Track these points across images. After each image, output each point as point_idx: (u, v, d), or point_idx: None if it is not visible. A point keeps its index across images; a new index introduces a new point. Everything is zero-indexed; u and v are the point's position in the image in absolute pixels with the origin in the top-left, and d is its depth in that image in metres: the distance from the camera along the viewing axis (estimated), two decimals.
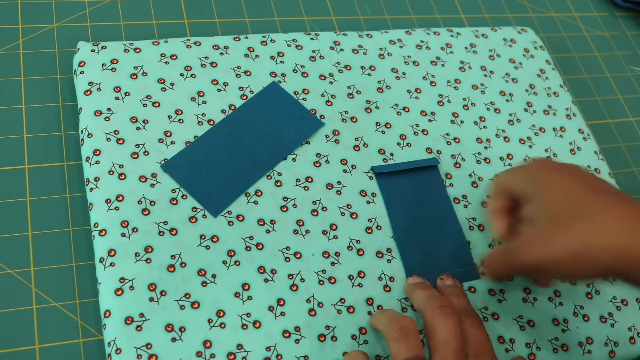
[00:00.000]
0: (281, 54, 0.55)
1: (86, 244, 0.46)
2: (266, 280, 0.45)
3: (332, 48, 0.56)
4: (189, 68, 0.52)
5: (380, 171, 0.51)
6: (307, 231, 0.48)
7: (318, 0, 0.62)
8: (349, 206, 0.49)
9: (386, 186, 0.51)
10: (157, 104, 0.50)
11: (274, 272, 0.46)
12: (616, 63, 0.67)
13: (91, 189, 0.46)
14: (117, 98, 0.49)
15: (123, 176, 0.47)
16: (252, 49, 0.54)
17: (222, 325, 0.43)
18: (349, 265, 0.47)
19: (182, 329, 0.43)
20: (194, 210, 0.47)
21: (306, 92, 0.53)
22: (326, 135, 0.52)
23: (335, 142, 0.52)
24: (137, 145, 0.48)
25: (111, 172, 0.46)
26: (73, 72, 0.51)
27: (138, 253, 0.44)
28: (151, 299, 0.43)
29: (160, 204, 0.46)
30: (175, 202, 0.46)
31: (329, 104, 0.53)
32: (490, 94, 0.58)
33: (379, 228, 0.49)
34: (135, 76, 0.50)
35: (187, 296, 0.44)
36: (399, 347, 0.41)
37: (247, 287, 0.45)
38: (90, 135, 0.48)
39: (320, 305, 0.46)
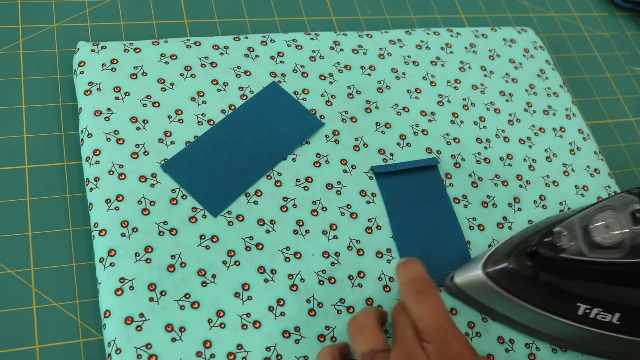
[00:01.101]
0: (281, 54, 0.55)
1: (86, 244, 0.46)
2: (266, 280, 0.45)
3: (332, 48, 0.56)
4: (189, 68, 0.52)
5: (380, 171, 0.51)
6: (307, 231, 0.48)
7: (318, 0, 0.62)
8: (349, 206, 0.49)
9: (386, 186, 0.51)
10: (157, 104, 0.50)
11: (273, 272, 0.46)
12: (616, 63, 0.67)
13: (91, 189, 0.46)
14: (117, 98, 0.49)
15: (123, 176, 0.47)
16: (252, 49, 0.54)
17: (222, 325, 0.43)
18: (349, 265, 0.47)
19: (182, 329, 0.43)
20: (194, 210, 0.47)
21: (306, 92, 0.53)
22: (326, 135, 0.52)
23: (335, 142, 0.52)
24: (137, 145, 0.48)
25: (111, 172, 0.46)
26: (73, 72, 0.51)
27: (138, 253, 0.44)
28: (151, 299, 0.43)
29: (160, 204, 0.46)
30: (175, 202, 0.46)
31: (329, 104, 0.53)
32: (490, 94, 0.58)
33: (378, 228, 0.49)
34: (135, 76, 0.50)
35: (187, 296, 0.44)
36: (355, 344, 0.41)
37: (247, 287, 0.45)
38: (90, 135, 0.48)
39: (320, 305, 0.46)
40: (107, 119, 0.48)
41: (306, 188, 0.49)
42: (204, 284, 0.44)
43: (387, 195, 0.50)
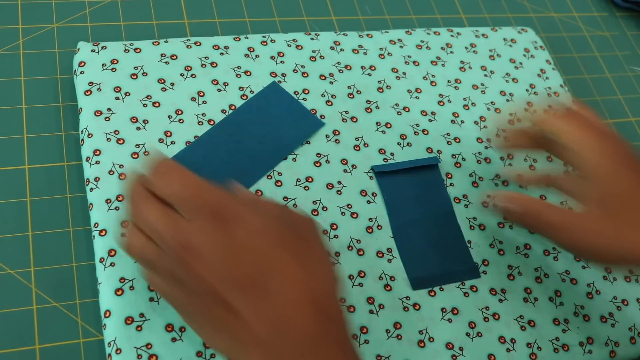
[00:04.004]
0: (281, 54, 0.55)
1: (86, 244, 0.46)
2: None
3: (332, 48, 0.56)
4: (189, 68, 0.52)
5: (381, 170, 0.51)
6: None
7: (318, 0, 0.62)
8: (350, 206, 0.49)
9: (386, 185, 0.51)
10: (157, 104, 0.50)
11: None
12: (616, 63, 0.67)
13: (91, 189, 0.46)
14: (117, 98, 0.49)
15: (123, 176, 0.46)
16: (252, 49, 0.54)
17: None
18: (350, 264, 0.47)
19: (182, 329, 0.43)
20: None
21: (306, 92, 0.53)
22: (326, 135, 0.52)
23: (336, 142, 0.52)
24: (137, 145, 0.48)
25: (111, 172, 0.46)
26: (73, 72, 0.51)
27: None
28: (151, 299, 0.43)
29: None
30: None
31: (329, 104, 0.53)
32: (491, 94, 0.58)
33: (379, 228, 0.49)
34: (135, 76, 0.50)
35: None
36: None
37: None
38: (90, 135, 0.48)
39: None
40: (107, 119, 0.48)
41: (307, 188, 0.49)
42: None
43: (387, 194, 0.50)
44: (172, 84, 0.51)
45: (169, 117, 0.49)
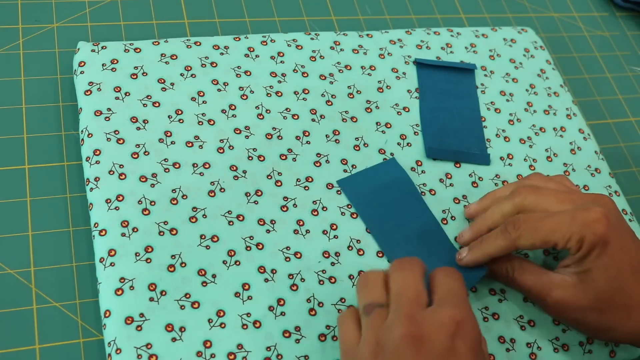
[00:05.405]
0: (281, 54, 0.55)
1: (86, 244, 0.46)
2: (266, 280, 0.45)
3: (332, 48, 0.56)
4: (189, 68, 0.52)
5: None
6: (308, 231, 0.48)
7: (318, 0, 0.62)
8: (349, 206, 0.49)
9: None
10: (157, 104, 0.50)
11: (274, 271, 0.46)
12: (616, 63, 0.67)
13: (91, 189, 0.46)
14: (117, 98, 0.49)
15: (123, 176, 0.47)
16: (252, 49, 0.54)
17: (222, 325, 0.43)
18: (350, 264, 0.47)
19: (182, 329, 0.43)
20: (194, 210, 0.47)
21: (306, 92, 0.53)
22: (326, 135, 0.52)
23: (336, 142, 0.52)
24: (137, 145, 0.48)
25: (111, 172, 0.46)
26: (73, 72, 0.51)
27: (138, 253, 0.44)
28: (151, 299, 0.43)
29: (161, 204, 0.46)
30: (175, 202, 0.46)
31: (329, 103, 0.53)
32: (491, 94, 0.58)
33: None
34: (135, 76, 0.50)
35: (187, 296, 0.44)
36: (359, 296, 0.42)
37: (247, 287, 0.45)
38: (90, 135, 0.48)
39: (321, 305, 0.45)
40: (107, 119, 0.48)
41: (306, 188, 0.49)
42: (204, 284, 0.44)
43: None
44: (172, 84, 0.51)
45: (169, 117, 0.49)
